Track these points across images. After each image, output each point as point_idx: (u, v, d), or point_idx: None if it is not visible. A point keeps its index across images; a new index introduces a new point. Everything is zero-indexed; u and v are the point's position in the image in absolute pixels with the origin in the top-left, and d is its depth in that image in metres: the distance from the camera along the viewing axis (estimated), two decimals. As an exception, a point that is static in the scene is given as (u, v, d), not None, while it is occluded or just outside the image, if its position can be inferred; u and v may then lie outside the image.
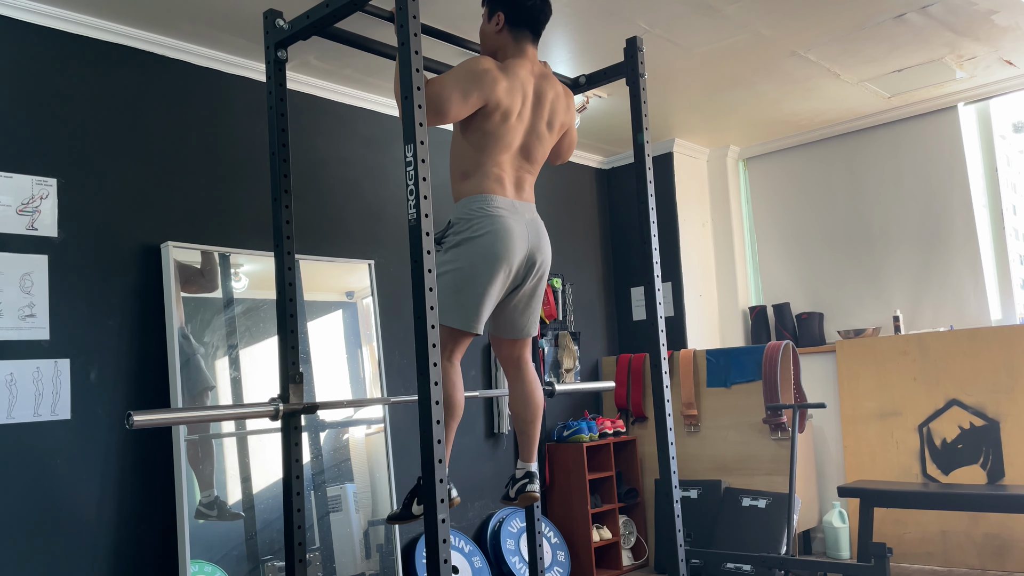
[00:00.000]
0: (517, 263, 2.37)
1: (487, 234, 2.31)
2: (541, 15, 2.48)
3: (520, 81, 2.38)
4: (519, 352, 2.58)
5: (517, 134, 2.40)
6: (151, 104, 3.39)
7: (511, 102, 2.34)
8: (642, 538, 4.85)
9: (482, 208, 2.33)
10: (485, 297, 2.32)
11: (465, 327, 2.32)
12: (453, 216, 2.37)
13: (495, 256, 2.31)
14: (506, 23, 2.44)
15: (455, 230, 2.34)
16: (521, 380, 2.57)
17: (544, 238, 2.47)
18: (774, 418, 4.47)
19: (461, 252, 2.32)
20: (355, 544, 3.64)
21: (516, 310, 2.50)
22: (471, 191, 2.36)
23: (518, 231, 2.35)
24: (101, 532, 3.03)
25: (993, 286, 4.67)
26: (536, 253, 2.43)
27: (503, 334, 2.55)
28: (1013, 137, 4.98)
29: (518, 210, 2.39)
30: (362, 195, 4.09)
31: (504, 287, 2.38)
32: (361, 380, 3.84)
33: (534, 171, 2.49)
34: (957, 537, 4.30)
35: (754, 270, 5.57)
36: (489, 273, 2.31)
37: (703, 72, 4.14)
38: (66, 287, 3.04)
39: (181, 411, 2.95)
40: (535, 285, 2.49)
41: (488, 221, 2.32)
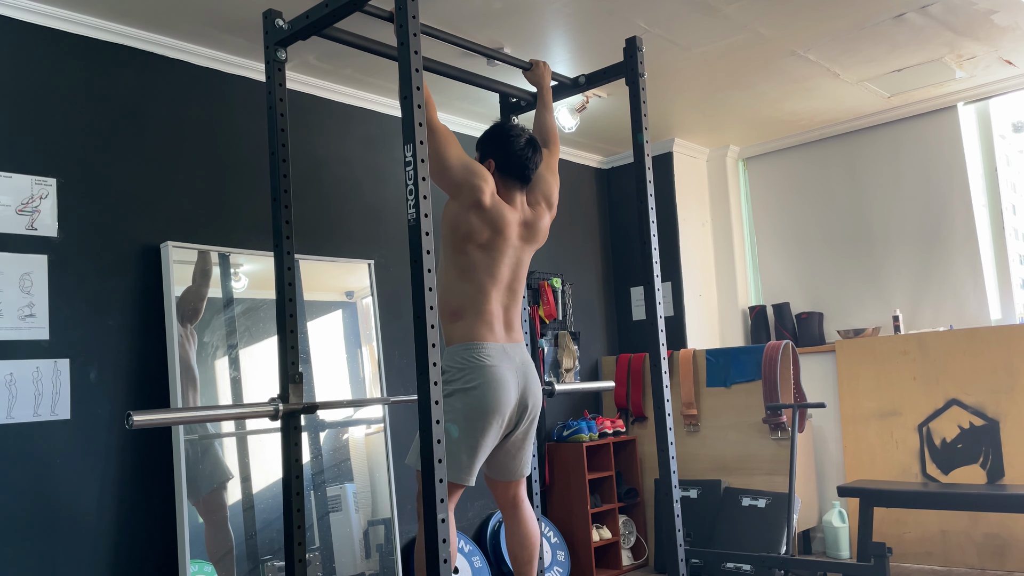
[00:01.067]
0: (510, 412, 2.40)
1: (479, 386, 2.33)
2: (530, 163, 2.57)
3: (505, 220, 2.47)
4: (514, 492, 2.60)
5: (504, 265, 2.47)
6: (151, 104, 3.39)
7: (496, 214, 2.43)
8: (642, 538, 4.86)
9: (474, 358, 2.36)
10: (478, 450, 2.35)
11: (457, 480, 2.34)
12: (444, 363, 2.38)
13: (487, 409, 2.33)
14: (496, 169, 2.53)
15: (446, 379, 2.35)
16: (518, 521, 2.60)
17: (534, 379, 2.50)
18: (774, 418, 4.47)
19: (454, 404, 2.33)
20: (355, 544, 3.64)
21: (508, 454, 2.54)
22: (461, 338, 2.40)
23: (510, 380, 2.38)
24: (101, 532, 3.03)
25: (993, 286, 4.67)
26: (527, 396, 2.46)
27: (498, 476, 2.58)
28: (1013, 137, 4.98)
29: (509, 355, 2.43)
30: (362, 195, 4.09)
31: (497, 437, 2.41)
32: (361, 380, 3.84)
33: (519, 303, 2.57)
34: (957, 537, 4.30)
35: (754, 270, 5.57)
36: (482, 426, 2.33)
37: (703, 72, 4.14)
38: (66, 287, 3.04)
39: (181, 411, 2.95)
40: (527, 428, 2.52)
41: (480, 372, 2.34)
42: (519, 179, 2.56)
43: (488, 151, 2.57)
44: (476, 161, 2.52)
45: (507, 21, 3.42)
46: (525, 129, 2.66)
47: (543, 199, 2.64)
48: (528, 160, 2.56)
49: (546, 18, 3.43)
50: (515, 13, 3.35)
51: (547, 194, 2.66)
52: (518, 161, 2.54)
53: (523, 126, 2.72)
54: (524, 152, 2.55)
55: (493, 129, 2.62)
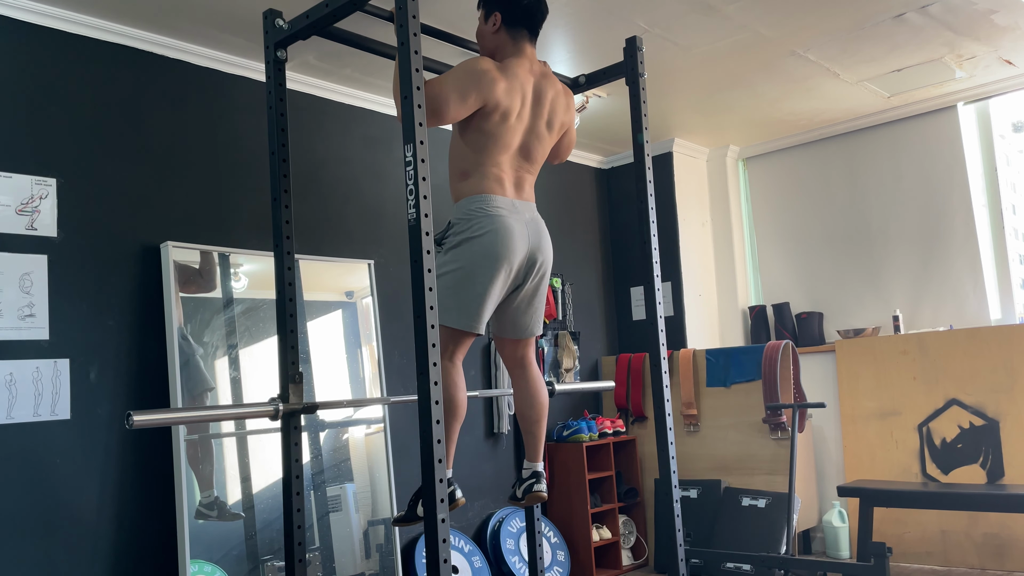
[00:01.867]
0: (518, 262, 2.37)
1: (487, 233, 2.30)
2: (538, 13, 2.47)
3: (519, 81, 2.38)
4: (522, 352, 2.57)
5: (516, 134, 2.40)
6: (151, 104, 3.39)
7: (510, 102, 2.34)
8: (642, 538, 4.86)
9: (482, 208, 2.33)
10: (486, 297, 2.32)
11: (466, 327, 2.32)
12: (453, 216, 2.37)
13: (495, 255, 2.30)
14: (503, 23, 2.43)
15: (455, 230, 2.34)
16: (526, 379, 2.56)
17: (545, 237, 2.47)
18: (774, 418, 4.47)
19: (461, 252, 2.31)
20: (355, 544, 3.64)
21: (518, 310, 2.50)
22: (470, 191, 2.36)
23: (518, 230, 2.35)
24: (101, 532, 3.03)
25: (993, 286, 4.67)
26: (537, 252, 2.42)
27: (506, 334, 2.55)
28: (1012, 136, 4.98)
29: (518, 209, 2.39)
30: (362, 195, 4.09)
31: (505, 286, 2.38)
32: (361, 380, 3.84)
33: (534, 171, 2.49)
34: (956, 536, 4.30)
35: (754, 270, 5.57)
36: (490, 272, 2.31)
37: (703, 72, 4.14)
38: (66, 287, 3.04)
39: (181, 411, 2.95)
40: (536, 284, 2.48)
41: (488, 221, 2.31)
42: (528, 29, 2.46)
43: (494, 4, 2.45)
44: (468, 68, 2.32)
45: (507, 21, 3.41)
46: None
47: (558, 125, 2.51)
48: (536, 9, 2.45)
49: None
50: (515, 13, 3.35)
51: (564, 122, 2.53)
52: (526, 10, 2.43)
53: None
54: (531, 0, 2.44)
55: None
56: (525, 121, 2.41)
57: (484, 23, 2.48)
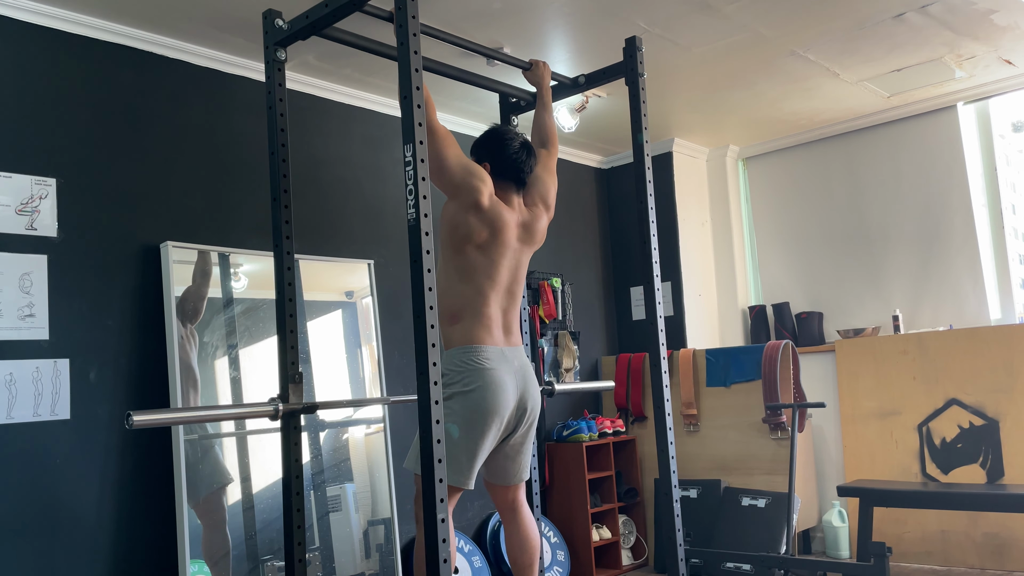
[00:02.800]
0: (508, 415, 2.40)
1: (478, 389, 2.34)
2: (525, 166, 2.58)
3: (503, 221, 2.47)
4: (513, 496, 2.60)
5: (503, 268, 2.47)
6: (151, 104, 3.39)
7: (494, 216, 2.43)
8: (642, 537, 4.86)
9: (472, 361, 2.36)
10: (477, 453, 2.35)
11: (456, 483, 2.34)
12: (442, 366, 2.38)
13: (486, 411, 2.33)
14: (492, 172, 2.54)
15: (445, 382, 2.36)
16: (517, 524, 2.60)
17: (532, 383, 2.51)
18: (774, 417, 4.47)
19: (453, 407, 2.33)
20: (355, 544, 3.64)
21: (508, 458, 2.54)
22: (460, 340, 2.41)
23: (509, 383, 2.39)
24: (101, 532, 3.03)
25: (992, 285, 4.67)
26: (526, 399, 2.47)
27: (496, 480, 2.59)
28: (1012, 136, 4.98)
29: (507, 358, 2.43)
30: (362, 195, 4.09)
31: (496, 440, 2.41)
32: (361, 380, 3.84)
33: (519, 302, 2.57)
34: (956, 536, 4.30)
35: (753, 270, 5.57)
36: (481, 428, 2.34)
37: (702, 72, 4.14)
38: (66, 287, 3.04)
39: (180, 411, 2.95)
40: (526, 432, 2.52)
41: (478, 375, 2.35)
42: (514, 181, 2.57)
43: (483, 154, 2.59)
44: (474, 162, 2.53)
45: (507, 21, 3.42)
46: (519, 133, 2.69)
47: (540, 200, 2.65)
48: (523, 163, 2.57)
49: (546, 18, 3.43)
50: (515, 13, 3.35)
51: (544, 195, 2.66)
52: (513, 164, 2.55)
53: (518, 129, 2.73)
54: (519, 155, 2.56)
55: (488, 133, 2.65)
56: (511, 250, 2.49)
57: None
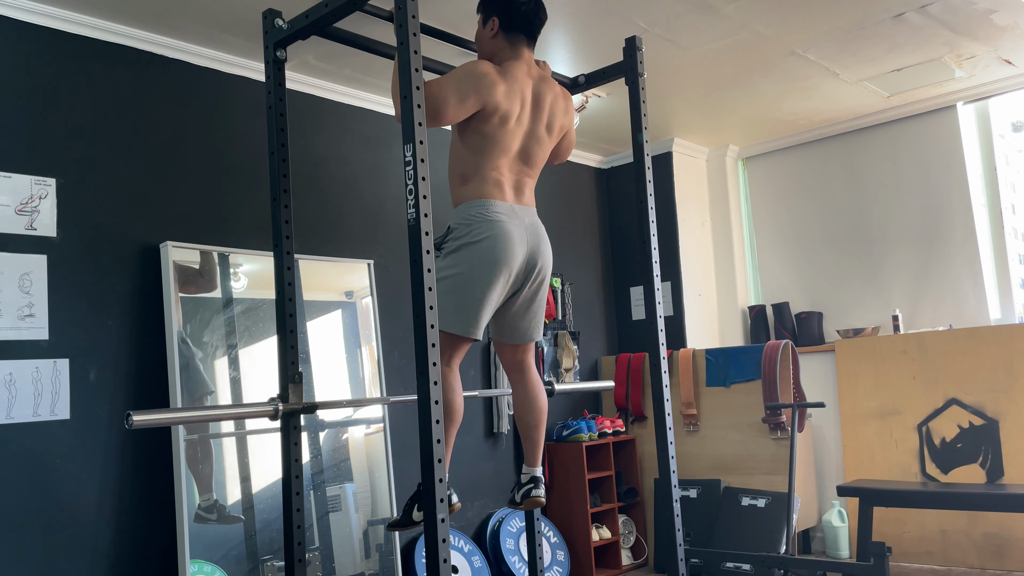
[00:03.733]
0: (516, 267, 2.37)
1: (486, 239, 2.30)
2: (536, 18, 2.47)
3: (518, 84, 2.38)
4: (521, 356, 2.57)
5: (516, 138, 2.40)
6: (151, 104, 3.39)
7: (509, 106, 2.34)
8: (641, 537, 4.86)
9: (481, 213, 2.33)
10: (484, 302, 2.32)
11: (464, 332, 2.32)
12: (452, 221, 2.37)
13: (494, 261, 2.30)
14: (500, 28, 2.44)
15: (454, 235, 2.34)
16: (524, 384, 2.56)
17: (544, 242, 2.46)
18: (773, 417, 4.47)
19: (460, 257, 2.31)
20: (354, 544, 3.64)
21: (517, 315, 2.50)
22: (470, 196, 2.36)
23: (517, 235, 2.35)
24: (100, 532, 3.03)
25: (992, 285, 4.67)
26: (536, 256, 2.42)
27: (505, 339, 2.55)
28: (1012, 136, 4.98)
29: (517, 214, 2.39)
30: (361, 195, 4.09)
31: (504, 292, 2.38)
32: (360, 380, 3.84)
33: (534, 174, 2.49)
34: (956, 536, 4.30)
35: (753, 269, 5.57)
36: (488, 278, 2.31)
37: (702, 71, 4.14)
38: (65, 287, 3.04)
39: (180, 411, 2.95)
40: (536, 289, 2.48)
41: (487, 226, 2.31)
42: (526, 34, 2.46)
43: (491, 9, 2.46)
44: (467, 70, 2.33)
45: (507, 21, 3.41)
46: None
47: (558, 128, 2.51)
48: (533, 14, 2.46)
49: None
50: (514, 13, 3.35)
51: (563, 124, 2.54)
52: (523, 15, 2.43)
53: None
54: (528, 4, 2.45)
55: None
56: (524, 125, 2.41)
57: (482, 27, 2.48)
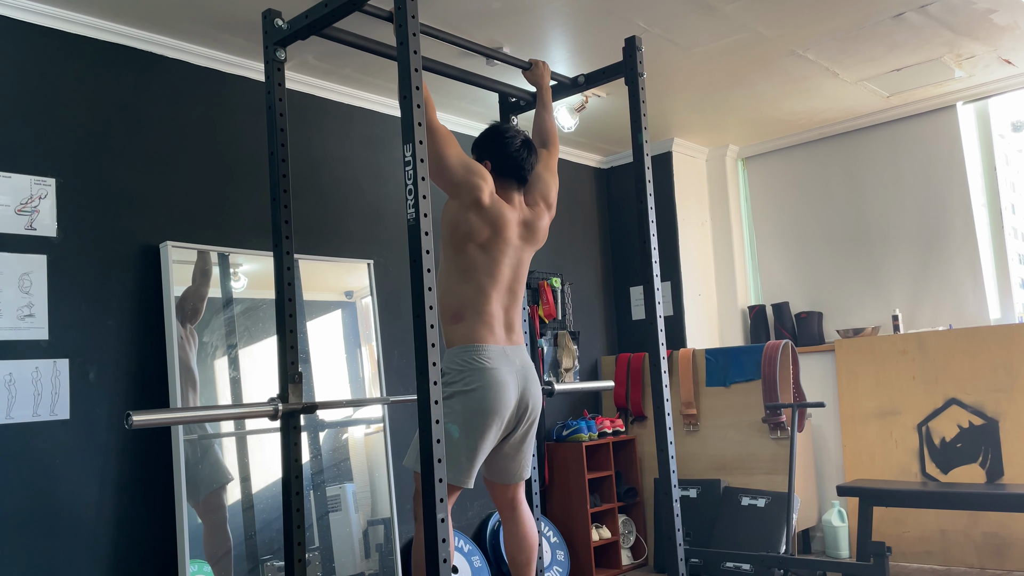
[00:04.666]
0: (509, 414, 2.41)
1: (479, 388, 2.34)
2: (526, 164, 2.58)
3: (505, 209, 2.47)
4: (512, 494, 2.61)
5: (505, 266, 2.47)
6: (150, 104, 3.39)
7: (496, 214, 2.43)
8: (641, 537, 4.86)
9: (474, 360, 2.37)
10: (477, 452, 2.36)
11: (456, 482, 2.34)
12: (444, 365, 2.39)
13: (487, 411, 2.34)
14: (493, 171, 2.54)
15: (447, 380, 2.36)
16: (516, 522, 2.60)
17: (533, 381, 2.51)
18: (773, 417, 4.47)
19: (453, 406, 2.33)
20: (354, 544, 3.64)
21: (508, 456, 2.54)
22: (462, 340, 2.41)
23: (510, 382, 2.39)
24: (100, 532, 3.03)
25: (992, 285, 4.67)
26: (527, 400, 2.47)
27: (496, 479, 2.59)
28: (1012, 136, 4.98)
29: (509, 357, 2.44)
30: (361, 195, 4.09)
31: (496, 438, 2.42)
32: (360, 380, 3.84)
33: (520, 301, 2.57)
34: (956, 536, 4.30)
35: (753, 269, 5.57)
36: (481, 428, 2.34)
37: (702, 71, 4.14)
38: (65, 287, 3.04)
39: (180, 411, 2.95)
40: (526, 431, 2.53)
41: (480, 375, 2.35)
42: (516, 180, 2.58)
43: (484, 153, 2.58)
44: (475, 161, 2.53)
45: (506, 21, 3.42)
46: (520, 130, 2.68)
47: (541, 199, 2.65)
48: (524, 161, 2.57)
49: (545, 18, 3.43)
50: (514, 13, 3.35)
51: (545, 194, 2.67)
52: (514, 162, 2.55)
53: (518, 127, 2.73)
54: (520, 153, 2.56)
55: (488, 131, 2.64)
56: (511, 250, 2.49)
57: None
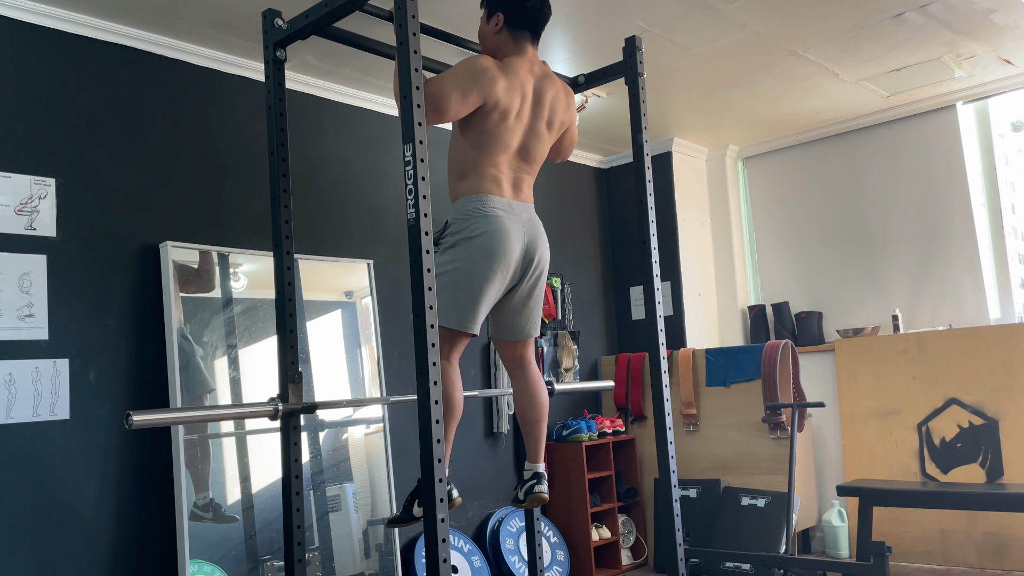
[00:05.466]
0: (514, 261, 2.37)
1: (484, 234, 2.31)
2: (540, 15, 2.48)
3: (519, 80, 2.38)
4: (521, 352, 2.57)
5: (516, 134, 2.40)
6: (150, 104, 3.39)
7: (510, 101, 2.34)
8: (641, 537, 4.86)
9: (478, 208, 2.33)
10: (482, 297, 2.32)
11: (462, 327, 2.32)
12: (450, 216, 2.37)
13: (491, 255, 2.31)
14: (505, 23, 2.44)
15: (452, 230, 2.35)
16: (525, 380, 2.56)
17: (541, 237, 2.47)
18: (773, 417, 4.47)
19: (458, 252, 2.32)
20: (354, 544, 3.64)
21: (515, 310, 2.50)
22: (468, 191, 2.36)
23: (514, 230, 2.36)
24: (100, 532, 3.03)
25: (992, 285, 4.67)
26: (534, 251, 2.43)
27: (504, 335, 2.55)
28: (1012, 136, 4.98)
29: (515, 210, 2.39)
30: (361, 195, 4.09)
31: (502, 287, 2.38)
32: (360, 380, 3.84)
33: (533, 171, 2.49)
34: (956, 536, 4.30)
35: (753, 269, 5.57)
36: (486, 273, 2.31)
37: (702, 71, 4.14)
38: (65, 287, 3.04)
39: (180, 411, 2.95)
40: (533, 284, 2.48)
41: (484, 221, 2.32)
42: (530, 30, 2.47)
43: (497, 5, 2.46)
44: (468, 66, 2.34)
45: (506, 21, 3.41)
46: None
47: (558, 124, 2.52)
48: (538, 11, 2.46)
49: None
50: (514, 13, 3.35)
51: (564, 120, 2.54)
52: (528, 11, 2.44)
53: None
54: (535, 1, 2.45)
55: None
56: (525, 121, 2.41)
57: (486, 23, 2.48)
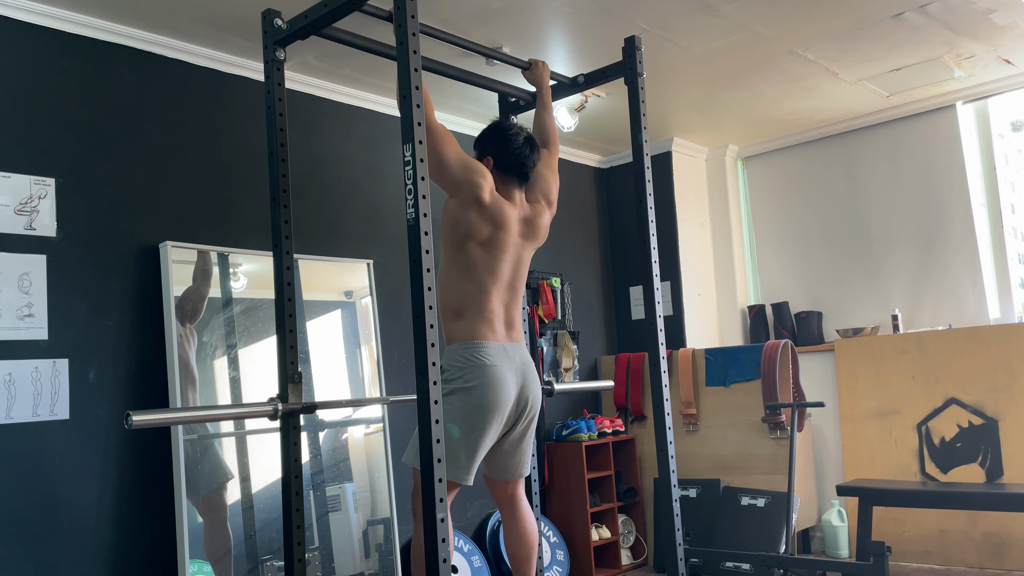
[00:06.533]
0: (508, 411, 2.41)
1: (479, 385, 2.34)
2: (528, 161, 2.59)
3: (505, 216, 2.47)
4: (512, 491, 2.61)
5: (505, 263, 2.47)
6: (150, 104, 3.39)
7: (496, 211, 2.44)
8: (641, 537, 4.86)
9: (474, 357, 2.37)
10: (477, 449, 2.36)
11: (456, 479, 2.35)
12: (444, 362, 2.39)
13: (487, 407, 2.34)
14: (495, 167, 2.55)
15: (447, 378, 2.37)
16: (515, 519, 2.60)
17: (533, 379, 2.51)
18: (773, 417, 4.47)
19: (453, 402, 2.34)
20: (354, 543, 3.64)
21: (507, 453, 2.54)
22: (463, 336, 2.41)
23: (509, 379, 2.40)
24: (100, 532, 3.03)
25: (992, 285, 4.67)
26: (527, 397, 2.48)
27: (496, 476, 2.59)
28: (1011, 136, 4.98)
29: (509, 354, 2.44)
30: (361, 195, 4.09)
31: (496, 436, 2.42)
32: (360, 380, 3.84)
33: (520, 298, 2.58)
34: (956, 536, 4.30)
35: (753, 269, 5.57)
36: (481, 425, 2.35)
37: (702, 71, 4.14)
38: (65, 287, 3.04)
39: (180, 411, 2.95)
40: (526, 427, 2.53)
41: (480, 372, 2.35)
42: (518, 176, 2.58)
43: (486, 149, 2.59)
44: (475, 159, 2.53)
45: (506, 21, 3.42)
46: (523, 127, 2.68)
47: (542, 197, 2.65)
48: (526, 158, 2.57)
49: (545, 17, 3.43)
50: (514, 13, 3.35)
51: (546, 192, 2.67)
52: (516, 159, 2.55)
53: (521, 124, 2.73)
54: (522, 150, 2.56)
55: (491, 127, 2.64)
56: (511, 248, 2.49)
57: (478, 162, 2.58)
